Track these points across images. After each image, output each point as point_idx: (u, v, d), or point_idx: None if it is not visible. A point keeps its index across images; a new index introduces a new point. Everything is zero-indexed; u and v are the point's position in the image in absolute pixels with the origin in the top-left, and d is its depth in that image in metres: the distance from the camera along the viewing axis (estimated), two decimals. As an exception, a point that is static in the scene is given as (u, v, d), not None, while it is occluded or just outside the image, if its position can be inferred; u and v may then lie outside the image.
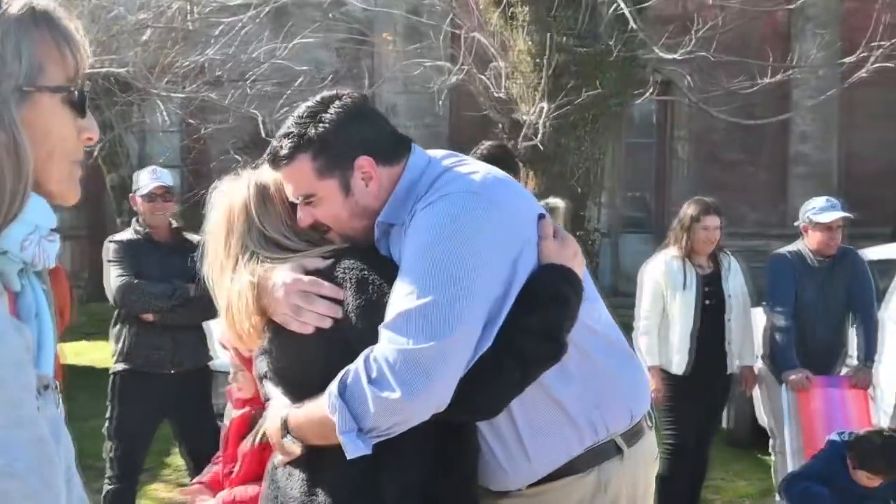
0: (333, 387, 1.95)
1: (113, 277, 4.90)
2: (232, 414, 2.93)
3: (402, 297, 1.94)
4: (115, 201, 9.03)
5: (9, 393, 1.08)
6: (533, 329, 2.00)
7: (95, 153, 8.78)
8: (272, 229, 2.17)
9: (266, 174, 2.23)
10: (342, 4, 11.15)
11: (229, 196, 2.23)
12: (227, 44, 9.08)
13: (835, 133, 13.97)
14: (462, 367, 1.93)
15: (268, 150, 2.17)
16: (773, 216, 13.76)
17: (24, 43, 1.22)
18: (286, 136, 2.13)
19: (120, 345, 5.02)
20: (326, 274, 2.08)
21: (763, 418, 6.18)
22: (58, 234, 1.33)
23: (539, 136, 7.43)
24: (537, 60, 7.74)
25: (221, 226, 2.21)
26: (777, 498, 5.70)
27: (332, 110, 2.12)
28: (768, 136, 13.42)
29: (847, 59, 8.26)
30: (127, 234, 5.11)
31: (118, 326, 5.02)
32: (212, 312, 4.98)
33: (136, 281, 4.86)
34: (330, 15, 11.11)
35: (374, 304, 2.00)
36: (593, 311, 2.21)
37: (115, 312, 5.06)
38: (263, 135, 8.58)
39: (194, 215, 5.89)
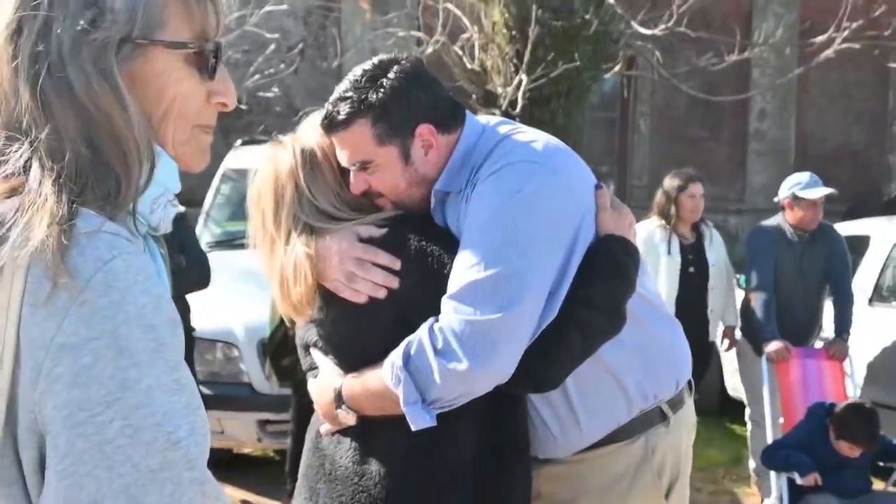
0: (397, 358, 1.93)
1: None
2: None
3: (468, 268, 1.92)
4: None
5: (168, 355, 1.04)
6: (595, 301, 2.00)
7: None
8: (323, 199, 2.10)
9: (309, 138, 2.15)
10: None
11: (275, 164, 2.13)
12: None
13: (792, 111, 14.19)
14: (527, 338, 1.93)
15: (323, 114, 2.10)
16: (731, 192, 13.96)
17: None
18: (343, 99, 2.06)
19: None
20: (382, 242, 2.04)
21: (735, 388, 6.32)
22: (176, 202, 1.26)
23: (517, 108, 7.45)
24: (513, 33, 7.77)
25: (268, 197, 2.12)
26: (752, 465, 5.85)
27: (392, 75, 2.06)
28: (728, 113, 13.59)
29: (817, 39, 8.40)
30: None
31: None
32: (202, 283, 4.99)
33: None
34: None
35: (434, 275, 1.99)
36: (643, 277, 2.21)
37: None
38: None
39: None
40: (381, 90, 2.05)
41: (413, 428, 1.93)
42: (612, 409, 2.19)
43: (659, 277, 5.54)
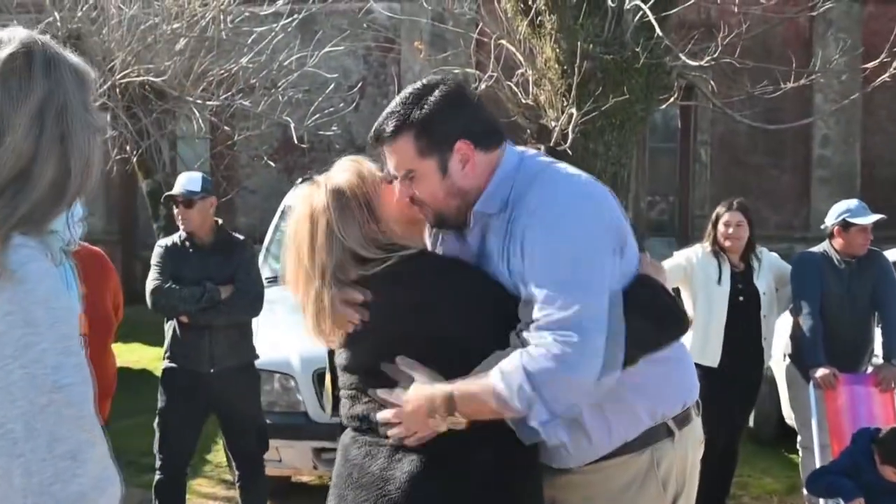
0: (521, 380, 2.07)
1: (148, 281, 5.11)
2: None
3: (552, 307, 2.10)
4: (151, 207, 9.22)
5: (63, 329, 1.44)
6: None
7: (134, 160, 8.98)
8: (350, 238, 2.26)
9: (340, 178, 2.33)
10: (369, 12, 11.33)
11: (310, 203, 2.32)
12: (258, 52, 9.28)
13: (857, 136, 14.04)
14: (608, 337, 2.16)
15: (373, 128, 2.33)
16: (795, 219, 13.84)
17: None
18: (391, 115, 2.30)
19: (166, 343, 5.22)
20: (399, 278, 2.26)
21: (791, 417, 6.31)
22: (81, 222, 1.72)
23: (569, 141, 7.56)
24: (564, 68, 7.89)
25: (304, 234, 2.31)
26: (805, 493, 5.83)
27: (435, 94, 2.28)
28: (790, 139, 13.51)
29: (870, 65, 8.36)
30: (173, 238, 5.29)
31: (168, 324, 5.22)
32: (248, 312, 5.17)
33: (165, 285, 5.03)
34: (364, 25, 11.27)
35: (456, 305, 2.23)
36: None
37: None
38: (295, 141, 8.78)
39: (225, 219, 6.05)
40: (425, 107, 2.28)
41: (527, 443, 2.15)
42: (620, 427, 2.36)
43: (708, 305, 5.56)
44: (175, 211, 5.21)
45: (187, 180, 5.21)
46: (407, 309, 2.21)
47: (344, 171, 2.35)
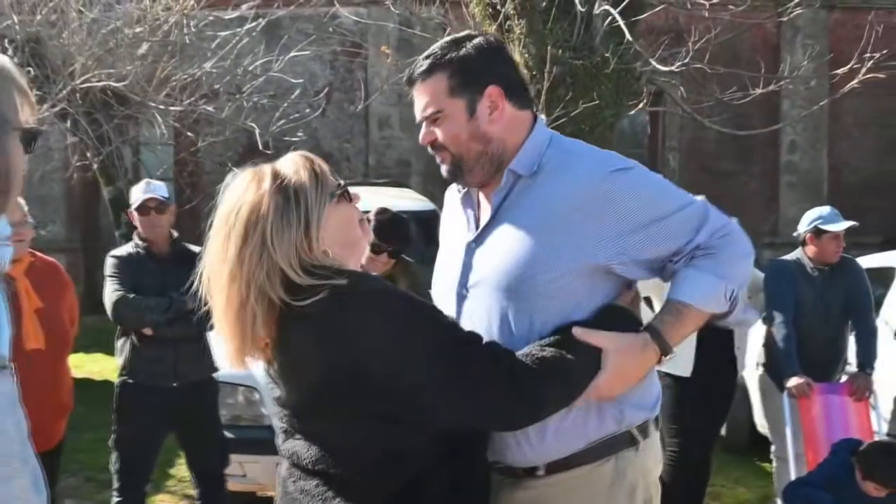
0: (722, 289, 2.27)
1: (108, 292, 4.88)
2: None
3: (689, 224, 2.28)
4: (114, 214, 9.03)
5: None
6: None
7: (96, 167, 8.80)
8: (280, 253, 2.01)
9: (289, 168, 2.09)
10: (336, 17, 11.21)
11: (250, 197, 2.05)
12: (222, 57, 9.13)
13: (824, 142, 14.10)
14: None
15: (407, 71, 2.35)
16: (764, 225, 13.86)
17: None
18: (428, 56, 2.31)
19: (123, 358, 5.01)
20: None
21: (763, 426, 6.25)
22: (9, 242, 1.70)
23: (537, 147, 7.50)
24: (534, 73, 7.81)
25: (238, 232, 2.04)
26: (778, 503, 5.76)
27: (475, 41, 2.32)
28: (759, 145, 13.54)
29: (839, 71, 8.35)
30: (127, 249, 5.10)
31: (121, 340, 5.02)
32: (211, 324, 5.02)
33: (130, 295, 4.84)
34: (330, 29, 11.16)
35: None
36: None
37: (118, 326, 5.06)
38: (260, 147, 8.63)
39: (189, 227, 5.91)
40: (462, 50, 2.31)
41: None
42: (581, 425, 2.26)
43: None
44: (142, 218, 5.00)
45: (155, 186, 5.07)
46: (336, 345, 1.99)
47: (296, 171, 2.09)
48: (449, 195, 2.55)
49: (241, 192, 2.08)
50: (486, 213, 2.35)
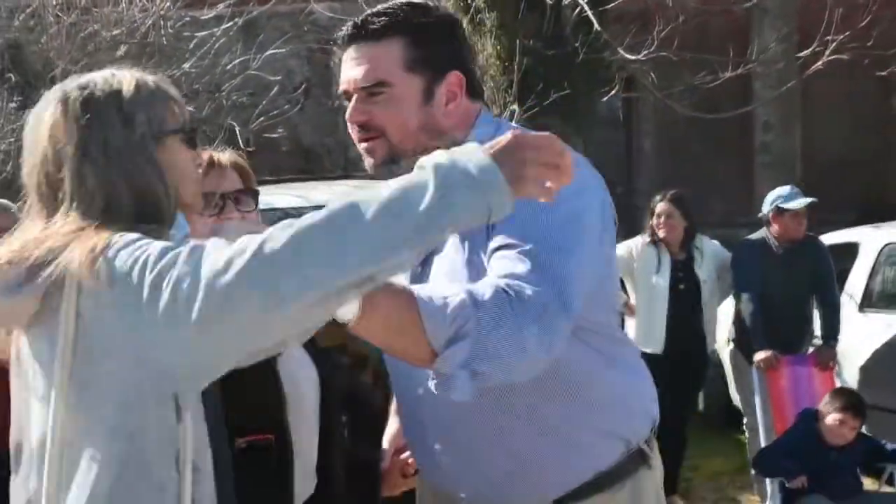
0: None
1: None
2: None
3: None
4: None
5: None
6: None
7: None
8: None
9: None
10: (310, 13, 11.33)
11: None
12: (200, 57, 9.25)
13: (797, 122, 14.29)
14: None
15: (351, 24, 1.91)
16: (739, 206, 14.05)
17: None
18: (380, 12, 1.88)
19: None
20: None
21: (737, 398, 6.46)
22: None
23: (511, 136, 7.66)
24: (506, 64, 7.98)
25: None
26: (752, 472, 5.98)
27: (440, 12, 1.96)
28: (733, 127, 13.70)
29: (803, 53, 8.55)
30: None
31: None
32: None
33: None
34: (304, 27, 11.28)
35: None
36: (611, 314, 2.08)
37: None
38: (241, 144, 8.76)
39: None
40: (431, 17, 1.91)
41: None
42: (589, 453, 1.97)
43: (649, 294, 5.72)
44: None
45: None
46: None
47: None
48: None
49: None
50: None
